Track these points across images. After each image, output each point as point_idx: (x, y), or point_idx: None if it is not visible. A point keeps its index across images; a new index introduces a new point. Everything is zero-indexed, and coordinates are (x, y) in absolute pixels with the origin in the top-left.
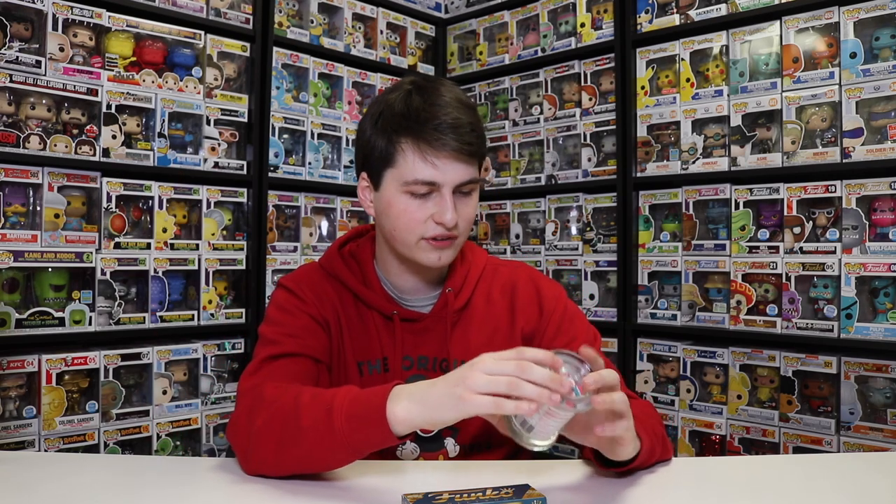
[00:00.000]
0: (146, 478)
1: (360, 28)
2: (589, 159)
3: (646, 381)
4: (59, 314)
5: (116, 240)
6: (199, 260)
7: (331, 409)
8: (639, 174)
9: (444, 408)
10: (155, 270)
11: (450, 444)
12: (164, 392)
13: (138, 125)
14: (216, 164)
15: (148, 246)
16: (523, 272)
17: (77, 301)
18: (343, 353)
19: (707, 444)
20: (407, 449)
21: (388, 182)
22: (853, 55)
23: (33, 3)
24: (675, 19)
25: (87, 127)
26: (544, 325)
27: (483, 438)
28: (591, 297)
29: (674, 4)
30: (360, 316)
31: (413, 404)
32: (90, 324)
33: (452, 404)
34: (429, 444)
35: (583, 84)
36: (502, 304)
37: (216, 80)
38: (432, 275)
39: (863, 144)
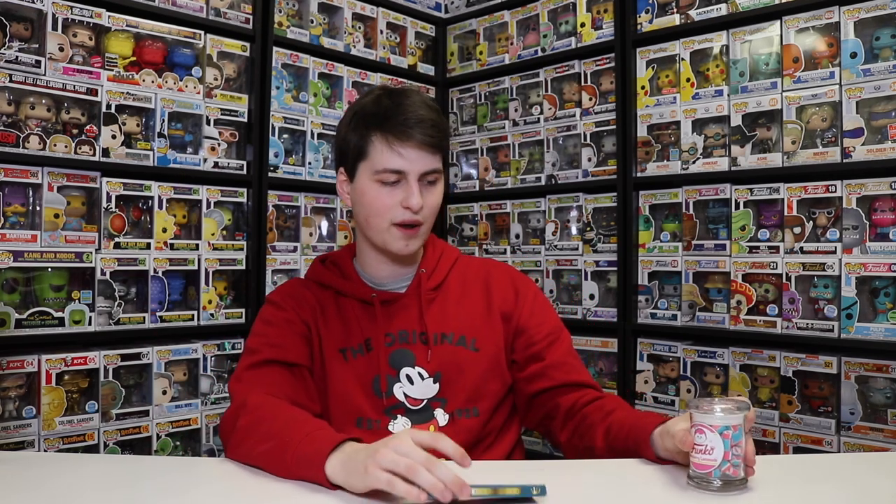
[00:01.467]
0: (146, 478)
1: (360, 28)
2: (589, 159)
3: (646, 382)
4: (59, 314)
5: (116, 240)
6: (199, 260)
7: (286, 448)
8: (639, 174)
9: (354, 476)
10: (155, 270)
11: (439, 413)
12: (164, 392)
13: (138, 125)
14: (216, 164)
15: (148, 246)
16: (496, 264)
17: (77, 301)
18: (321, 347)
19: None
20: (398, 423)
21: (362, 173)
22: (853, 55)
23: (33, 2)
24: (675, 19)
25: (87, 127)
26: (521, 305)
27: (469, 405)
28: (591, 297)
29: (674, 4)
30: (340, 307)
31: (339, 466)
32: (90, 324)
33: (359, 474)
34: (418, 416)
35: (583, 84)
36: (477, 285)
37: (216, 79)
38: (405, 262)
39: (863, 144)
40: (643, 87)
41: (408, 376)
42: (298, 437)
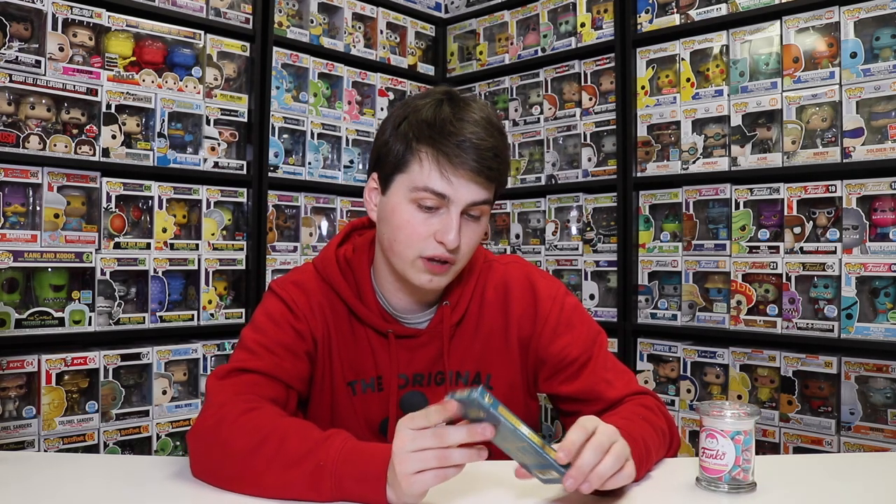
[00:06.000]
0: (145, 478)
1: (360, 28)
2: (589, 159)
3: (646, 381)
4: (59, 314)
5: (116, 240)
6: (199, 260)
7: (321, 471)
8: (639, 174)
9: (403, 494)
10: (155, 270)
11: None
12: (164, 392)
13: (138, 125)
14: (216, 164)
15: (148, 246)
16: (517, 269)
17: (77, 301)
18: (332, 374)
19: None
20: None
21: (398, 188)
22: (853, 55)
23: (33, 2)
24: (675, 19)
25: (87, 127)
26: (539, 329)
27: None
28: (592, 297)
29: (674, 4)
30: (354, 332)
31: (391, 490)
32: (90, 324)
33: (405, 490)
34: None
35: (583, 84)
36: (495, 306)
37: (216, 79)
38: (428, 296)
39: (863, 144)
40: (643, 87)
41: None
42: (332, 456)
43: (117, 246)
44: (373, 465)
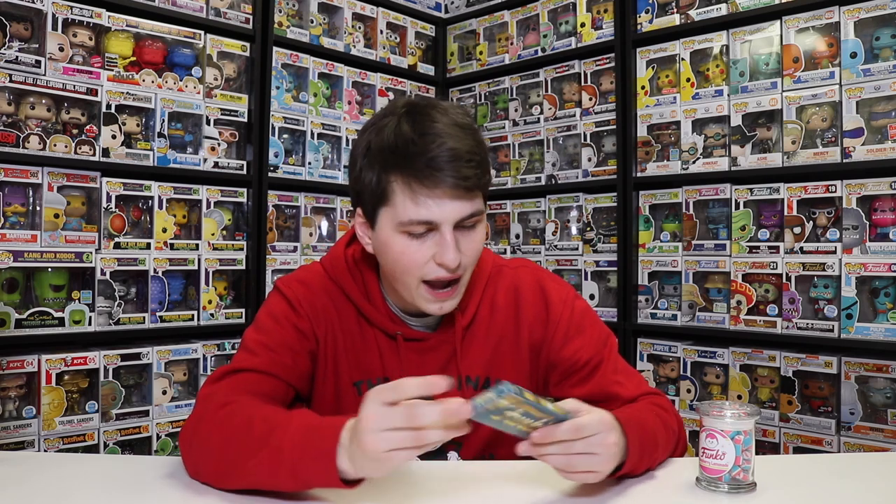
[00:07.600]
0: (145, 478)
1: (360, 28)
2: (589, 159)
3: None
4: (59, 314)
5: (116, 240)
6: (199, 260)
7: (280, 455)
8: (639, 174)
9: (367, 469)
10: (155, 270)
11: (452, 457)
12: (164, 392)
13: (138, 125)
14: (216, 164)
15: (148, 246)
16: (527, 273)
17: (77, 301)
18: (337, 374)
19: None
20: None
21: (383, 222)
22: (853, 55)
23: (33, 2)
24: (675, 19)
25: (87, 127)
26: (551, 333)
27: (486, 451)
28: (592, 297)
29: (674, 4)
30: (362, 333)
31: (349, 462)
32: (90, 324)
33: (374, 467)
34: (428, 457)
35: (583, 84)
36: (507, 310)
37: (216, 79)
38: None
39: (863, 144)
40: (643, 87)
41: None
42: (290, 438)
43: (117, 246)
44: (324, 444)
